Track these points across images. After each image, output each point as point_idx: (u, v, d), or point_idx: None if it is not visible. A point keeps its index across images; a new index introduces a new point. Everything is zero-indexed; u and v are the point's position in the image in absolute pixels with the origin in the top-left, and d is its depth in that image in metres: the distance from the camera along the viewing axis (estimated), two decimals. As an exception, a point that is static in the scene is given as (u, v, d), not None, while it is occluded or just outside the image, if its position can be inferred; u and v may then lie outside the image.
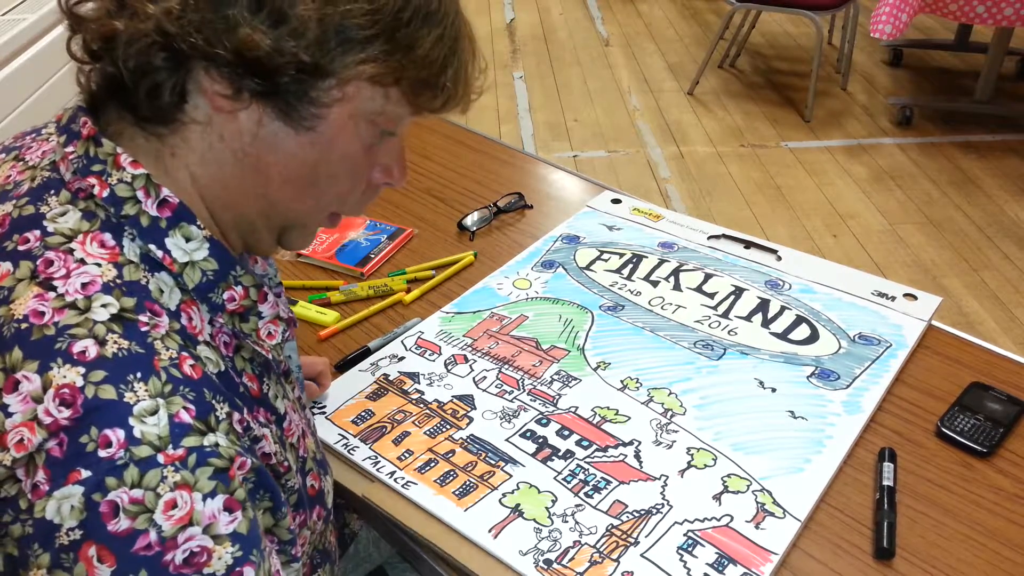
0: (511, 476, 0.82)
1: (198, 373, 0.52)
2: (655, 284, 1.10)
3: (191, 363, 0.52)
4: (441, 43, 0.56)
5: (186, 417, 0.50)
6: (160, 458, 0.48)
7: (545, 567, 0.73)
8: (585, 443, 0.86)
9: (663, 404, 0.91)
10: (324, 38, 0.52)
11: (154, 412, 0.49)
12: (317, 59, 0.52)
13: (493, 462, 0.84)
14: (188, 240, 0.56)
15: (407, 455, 0.85)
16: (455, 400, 0.92)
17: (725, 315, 1.05)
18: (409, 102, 0.58)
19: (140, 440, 0.48)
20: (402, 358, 0.99)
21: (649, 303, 1.07)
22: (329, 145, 0.57)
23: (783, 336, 1.01)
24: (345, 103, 0.55)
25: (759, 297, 1.07)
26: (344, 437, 0.87)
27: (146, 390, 0.49)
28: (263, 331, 0.60)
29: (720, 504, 0.79)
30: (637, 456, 0.85)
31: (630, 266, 1.14)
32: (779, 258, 1.14)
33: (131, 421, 0.48)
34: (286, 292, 1.10)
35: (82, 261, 0.53)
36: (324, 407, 0.91)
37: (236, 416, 0.54)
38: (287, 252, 1.20)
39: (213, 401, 0.52)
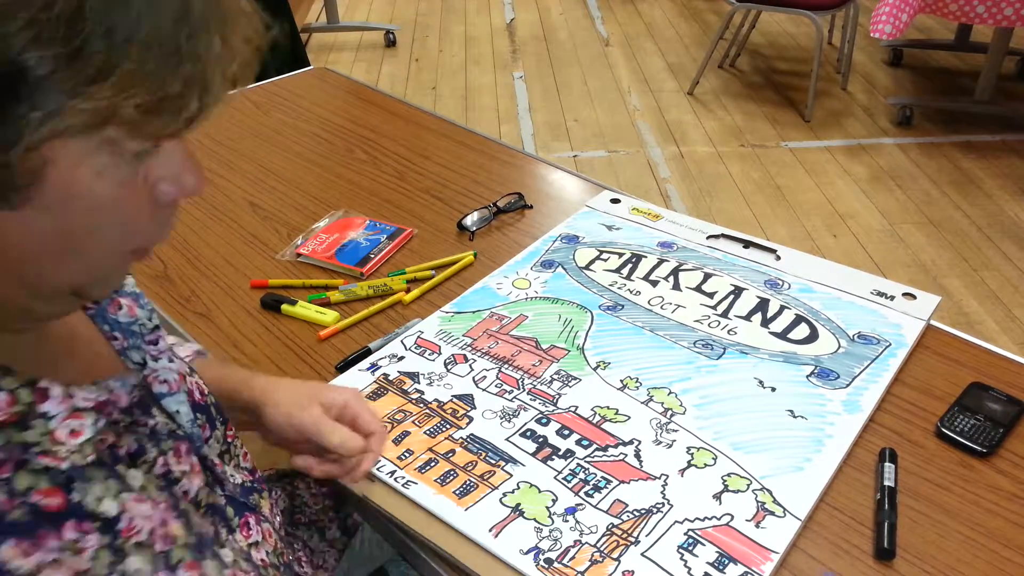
0: (511, 475, 0.83)
1: None
2: (654, 284, 1.11)
3: None
4: (152, 51, 0.41)
5: None
6: None
7: (546, 566, 0.73)
8: (585, 442, 0.86)
9: (663, 403, 0.91)
10: None
11: None
12: None
13: (493, 461, 0.84)
14: None
15: (407, 455, 0.85)
16: (455, 400, 0.92)
17: (724, 314, 1.05)
18: (143, 127, 0.44)
19: None
20: (402, 358, 0.99)
21: (648, 303, 1.07)
22: (66, 205, 0.44)
23: (782, 335, 1.01)
24: (54, 164, 0.43)
25: (758, 296, 1.07)
26: (344, 437, 0.87)
27: None
28: (60, 432, 0.49)
29: (720, 503, 0.79)
30: (637, 455, 0.85)
31: (629, 266, 1.14)
32: (778, 257, 1.14)
33: None
34: (285, 292, 1.11)
35: None
36: (324, 407, 0.91)
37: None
38: (286, 252, 1.20)
39: None
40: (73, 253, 0.47)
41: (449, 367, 0.97)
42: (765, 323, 1.03)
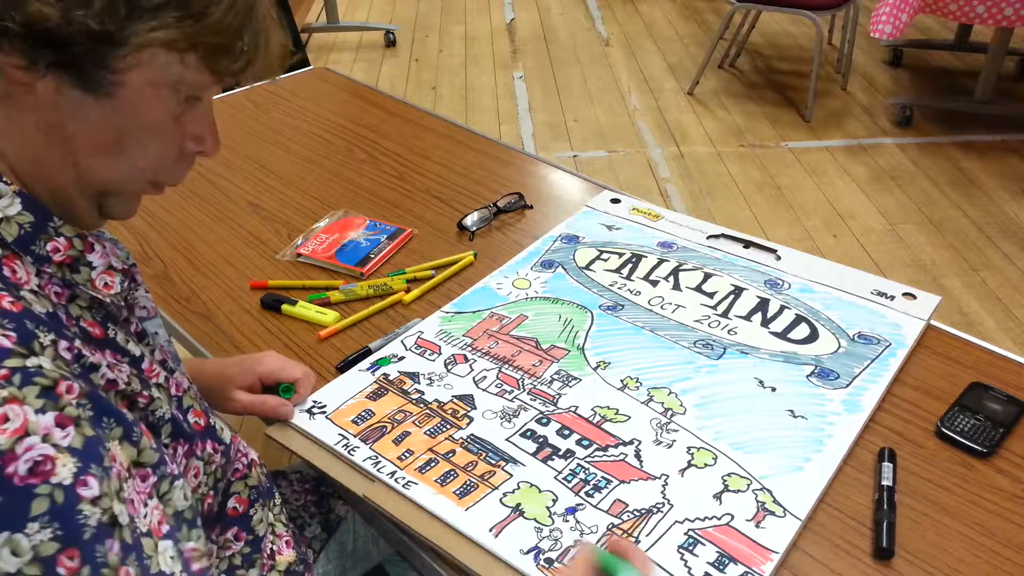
0: (512, 476, 0.83)
1: (18, 308, 0.53)
2: (654, 284, 1.11)
3: (10, 300, 0.53)
4: (234, 10, 0.57)
5: (6, 343, 0.50)
6: None
7: (546, 566, 0.73)
8: (585, 442, 0.86)
9: (663, 403, 0.91)
10: (111, 6, 0.53)
11: None
12: (106, 27, 0.53)
13: (494, 462, 0.84)
14: None
15: (407, 455, 0.85)
16: (455, 400, 0.92)
17: (725, 314, 1.05)
18: (208, 68, 0.58)
19: None
20: (402, 358, 0.99)
21: (649, 303, 1.07)
22: (132, 111, 0.57)
23: (783, 335, 1.01)
24: (142, 69, 0.56)
25: (758, 296, 1.07)
26: (344, 437, 0.87)
27: None
28: (98, 282, 0.61)
29: (720, 503, 0.79)
30: (637, 455, 0.85)
31: (629, 266, 1.14)
32: (778, 257, 1.14)
33: None
34: (285, 292, 1.11)
35: None
36: (324, 407, 0.91)
37: (63, 344, 0.54)
38: (286, 252, 1.20)
39: (36, 330, 0.53)
40: (119, 156, 0.59)
41: (449, 367, 0.97)
42: (765, 323, 1.03)
